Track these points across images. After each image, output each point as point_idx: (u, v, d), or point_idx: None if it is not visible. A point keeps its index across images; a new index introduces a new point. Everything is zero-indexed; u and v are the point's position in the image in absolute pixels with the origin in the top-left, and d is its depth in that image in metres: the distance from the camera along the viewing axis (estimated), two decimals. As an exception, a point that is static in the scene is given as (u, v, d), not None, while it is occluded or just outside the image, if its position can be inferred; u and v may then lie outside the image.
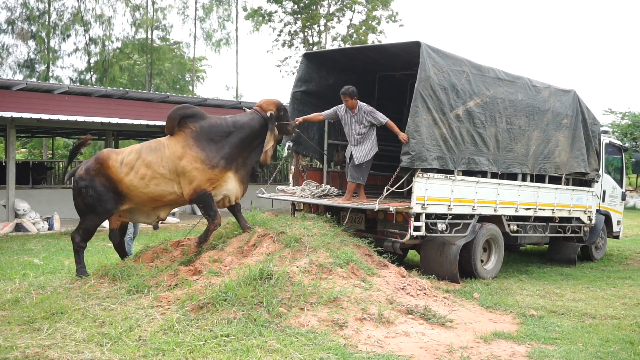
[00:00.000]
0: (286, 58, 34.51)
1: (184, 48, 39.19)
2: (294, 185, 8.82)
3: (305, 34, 33.48)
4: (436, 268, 7.86)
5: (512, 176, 8.90)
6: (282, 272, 5.55)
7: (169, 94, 21.17)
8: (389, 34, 37.26)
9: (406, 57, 8.22)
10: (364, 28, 32.92)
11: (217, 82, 68.90)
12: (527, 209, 9.07)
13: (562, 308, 6.76)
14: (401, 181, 7.41)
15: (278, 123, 6.92)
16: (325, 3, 32.79)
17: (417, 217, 7.43)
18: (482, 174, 8.42)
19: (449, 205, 7.76)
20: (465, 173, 8.09)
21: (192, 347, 4.43)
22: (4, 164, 15.62)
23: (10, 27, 32.37)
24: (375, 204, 7.24)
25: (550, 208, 9.52)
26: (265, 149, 6.86)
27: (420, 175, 7.34)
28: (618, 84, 67.11)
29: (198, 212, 16.50)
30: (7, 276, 7.38)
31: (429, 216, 7.61)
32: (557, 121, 9.43)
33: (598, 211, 10.93)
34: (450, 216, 7.85)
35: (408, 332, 5.10)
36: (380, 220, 8.03)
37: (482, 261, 8.48)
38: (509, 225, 8.82)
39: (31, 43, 33.15)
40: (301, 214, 8.55)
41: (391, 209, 7.25)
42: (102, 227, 10.62)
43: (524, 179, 8.99)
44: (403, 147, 7.26)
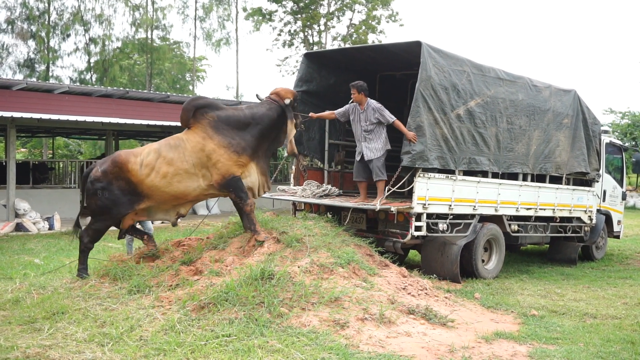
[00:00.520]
0: (286, 58, 34.50)
1: (184, 48, 39.21)
2: (294, 185, 8.82)
3: (306, 33, 33.46)
4: (437, 268, 7.85)
5: (513, 176, 8.90)
6: (283, 272, 5.54)
7: (169, 93, 21.14)
8: (389, 34, 37.35)
9: (407, 57, 8.22)
10: (364, 28, 32.88)
11: (217, 81, 68.86)
12: (528, 208, 9.06)
13: (563, 308, 6.75)
14: (402, 181, 7.40)
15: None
16: (325, 3, 32.74)
17: (418, 217, 7.42)
18: (483, 174, 8.42)
19: (450, 205, 7.76)
20: (466, 173, 8.08)
21: (193, 347, 4.43)
22: (4, 163, 15.62)
23: (10, 27, 32.33)
24: (376, 204, 7.24)
25: (551, 208, 9.52)
26: (290, 138, 6.77)
27: (422, 175, 7.33)
28: (618, 83, 67.12)
29: (199, 212, 16.70)
30: (7, 276, 7.38)
31: (430, 216, 7.60)
32: (557, 121, 9.43)
33: (599, 211, 10.93)
34: (452, 216, 7.85)
35: (409, 332, 5.10)
36: (381, 220, 8.02)
37: (483, 261, 8.48)
38: (509, 225, 8.82)
39: (31, 43, 33.12)
40: (302, 214, 8.54)
41: (392, 209, 7.25)
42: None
43: (524, 179, 8.99)
44: (404, 147, 7.25)
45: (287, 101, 6.68)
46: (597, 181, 10.72)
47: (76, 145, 31.06)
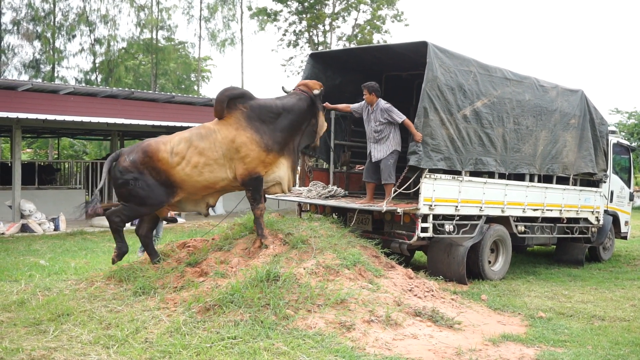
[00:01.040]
0: (291, 58, 34.48)
1: (189, 48, 39.30)
2: (300, 186, 8.78)
3: (311, 33, 33.45)
4: (443, 269, 7.81)
5: (520, 177, 8.85)
6: (289, 274, 5.52)
7: (174, 94, 21.14)
8: (394, 34, 37.09)
9: (413, 57, 8.17)
10: (369, 28, 32.85)
11: (222, 81, 68.77)
12: (534, 209, 9.00)
13: (570, 310, 6.70)
14: (408, 182, 7.36)
15: None
16: (330, 3, 32.73)
17: (425, 218, 7.38)
18: (490, 175, 8.37)
19: (457, 206, 7.71)
20: (473, 174, 8.04)
21: (198, 349, 4.41)
22: (9, 164, 15.64)
23: (15, 28, 32.49)
24: (382, 205, 7.20)
25: (558, 209, 9.46)
26: (320, 130, 6.74)
27: (428, 176, 7.29)
28: (625, 83, 66.84)
29: (216, 211, 16.64)
30: (13, 277, 7.37)
31: (436, 217, 7.56)
32: (564, 121, 9.37)
33: (606, 212, 10.86)
34: (458, 217, 7.80)
35: (416, 335, 5.06)
36: (387, 222, 7.98)
37: (489, 262, 8.43)
38: (516, 226, 8.76)
39: (36, 43, 33.27)
40: (307, 215, 8.52)
41: (398, 210, 7.21)
42: (105, 228, 10.66)
43: (531, 180, 8.93)
44: (410, 147, 7.22)
45: (315, 92, 6.66)
46: (605, 182, 10.65)
47: (81, 146, 31.17)
